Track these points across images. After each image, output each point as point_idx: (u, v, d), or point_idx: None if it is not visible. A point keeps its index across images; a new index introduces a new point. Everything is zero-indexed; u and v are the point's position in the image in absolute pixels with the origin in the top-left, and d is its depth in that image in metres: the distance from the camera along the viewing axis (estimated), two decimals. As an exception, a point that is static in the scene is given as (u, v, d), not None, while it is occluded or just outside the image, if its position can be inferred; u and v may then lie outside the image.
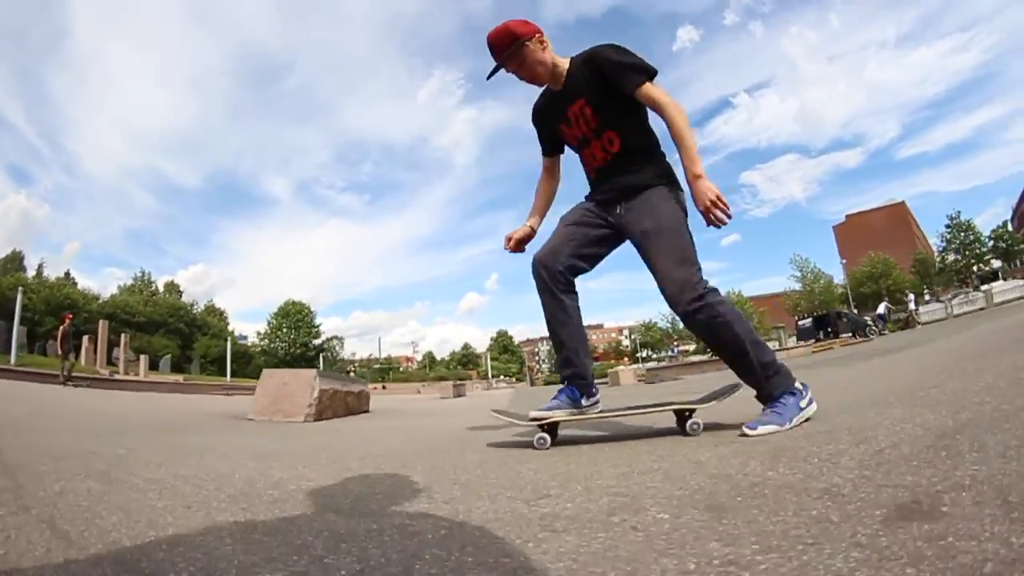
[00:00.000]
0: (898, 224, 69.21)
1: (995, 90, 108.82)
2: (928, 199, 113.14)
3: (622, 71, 2.08)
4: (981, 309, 21.84)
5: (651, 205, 2.11)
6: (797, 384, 2.07)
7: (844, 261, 50.48)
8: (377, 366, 62.75)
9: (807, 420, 2.02)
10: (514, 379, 56.83)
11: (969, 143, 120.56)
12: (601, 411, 2.35)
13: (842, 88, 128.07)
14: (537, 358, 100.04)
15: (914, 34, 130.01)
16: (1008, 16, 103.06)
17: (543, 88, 2.33)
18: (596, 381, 2.39)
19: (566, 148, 2.42)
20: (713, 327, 2.02)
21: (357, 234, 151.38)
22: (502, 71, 2.20)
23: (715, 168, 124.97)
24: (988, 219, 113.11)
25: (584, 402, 2.27)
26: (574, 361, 2.25)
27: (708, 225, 2.00)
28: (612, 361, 67.08)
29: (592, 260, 2.29)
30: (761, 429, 1.91)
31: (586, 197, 2.34)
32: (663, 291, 2.08)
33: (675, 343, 64.37)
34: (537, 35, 2.17)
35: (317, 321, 57.95)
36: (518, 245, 2.39)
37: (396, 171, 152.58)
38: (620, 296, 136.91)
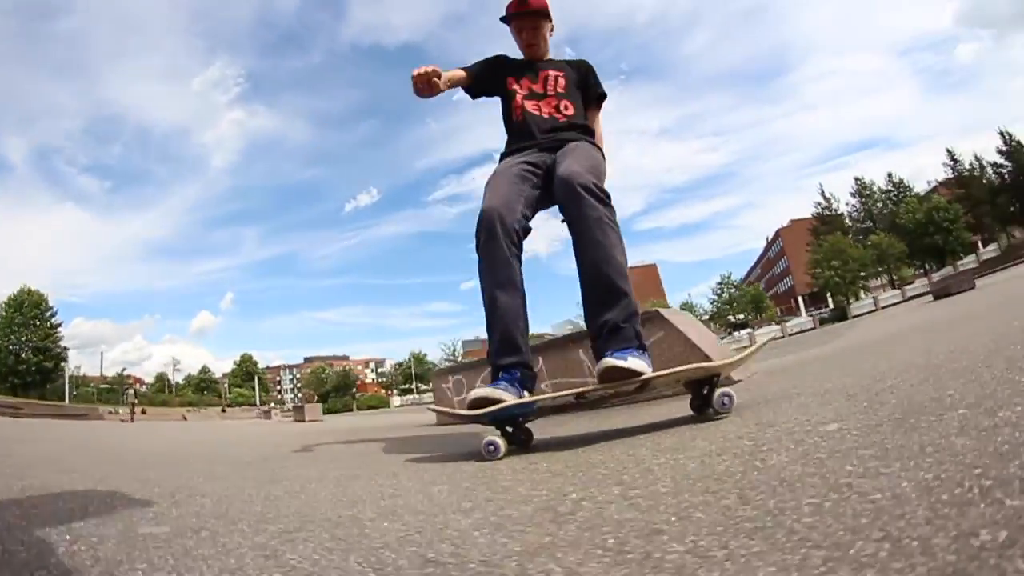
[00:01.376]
0: (649, 281, 80.00)
1: (732, 186, 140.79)
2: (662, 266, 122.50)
3: (599, 82, 2.43)
4: (745, 346, 26.34)
5: (585, 145, 2.15)
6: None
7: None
8: (104, 385, 52.84)
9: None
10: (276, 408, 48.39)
11: (702, 224, 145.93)
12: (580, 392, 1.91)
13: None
14: (279, 388, 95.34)
15: (674, 130, 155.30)
16: (755, 131, 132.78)
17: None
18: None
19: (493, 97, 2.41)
20: (607, 224, 1.83)
21: (90, 226, 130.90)
22: (508, 24, 2.38)
23: (466, 214, 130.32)
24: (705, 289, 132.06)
25: (528, 398, 1.84)
26: (519, 344, 1.86)
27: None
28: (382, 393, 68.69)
29: (531, 215, 2.09)
30: (632, 361, 1.66)
31: (510, 148, 2.25)
32: (568, 172, 1.90)
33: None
34: (553, 22, 2.43)
35: (57, 319, 44.70)
36: (430, 83, 2.06)
37: (147, 160, 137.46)
38: (361, 330, 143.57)
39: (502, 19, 2.36)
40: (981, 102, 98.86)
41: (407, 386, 70.20)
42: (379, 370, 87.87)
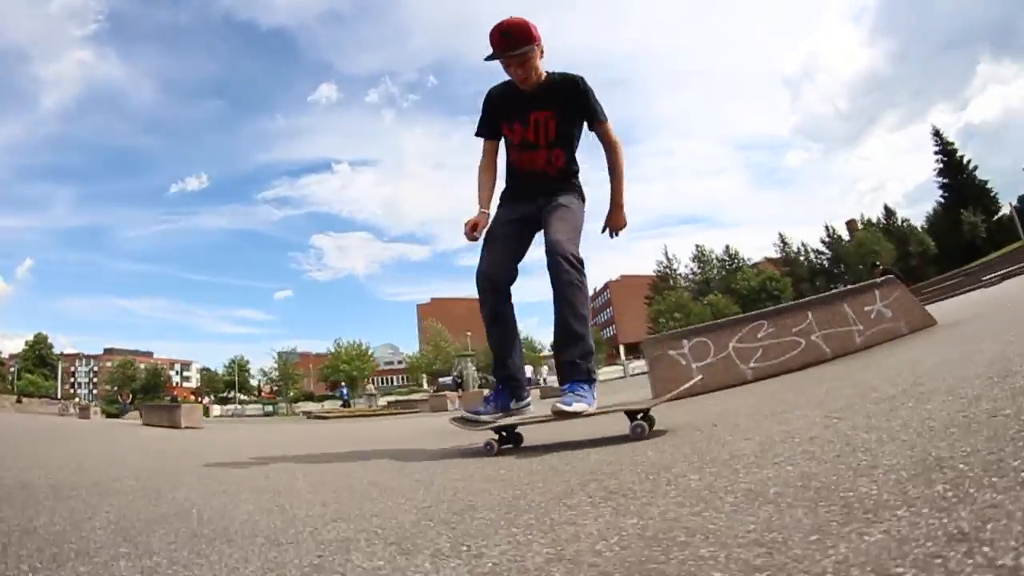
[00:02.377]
0: (475, 315, 67.16)
1: None
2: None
3: (596, 105, 2.44)
4: (620, 377, 30.12)
5: (568, 199, 2.49)
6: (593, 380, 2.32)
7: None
8: None
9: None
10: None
11: (524, 267, 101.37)
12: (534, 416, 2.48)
13: (433, 194, 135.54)
14: (73, 379, 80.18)
15: None
16: (593, 190, 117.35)
17: (506, 81, 2.45)
18: None
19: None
20: (577, 287, 2.28)
21: None
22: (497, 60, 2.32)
23: (291, 220, 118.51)
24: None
25: (513, 404, 2.45)
26: (508, 364, 2.47)
27: (606, 232, 2.62)
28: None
29: (517, 265, 2.59)
30: (576, 406, 2.16)
31: (507, 194, 2.64)
32: (554, 241, 2.32)
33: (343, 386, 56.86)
34: (541, 47, 2.32)
35: None
36: (476, 231, 2.52)
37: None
38: (165, 325, 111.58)
39: (488, 58, 2.32)
40: (797, 200, 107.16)
41: (227, 394, 60.92)
42: (184, 373, 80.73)
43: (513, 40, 2.27)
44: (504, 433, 2.39)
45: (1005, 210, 49.75)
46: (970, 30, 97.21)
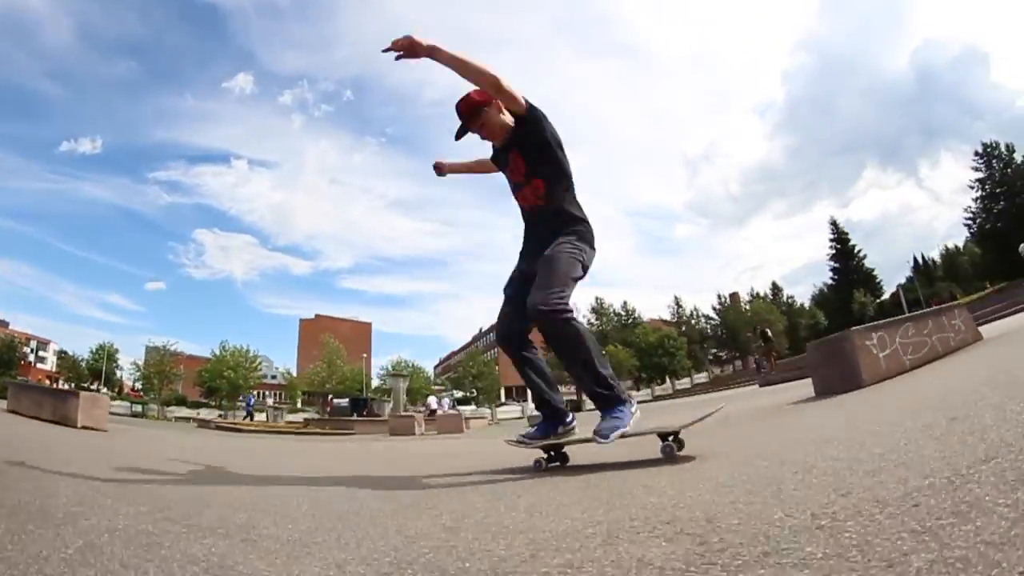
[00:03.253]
0: (361, 337, 75.99)
1: (442, 274, 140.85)
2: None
3: (543, 132, 2.51)
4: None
5: (556, 244, 2.46)
6: (626, 404, 2.35)
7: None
8: None
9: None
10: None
11: (403, 300, 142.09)
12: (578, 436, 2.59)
13: (326, 208, 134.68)
14: None
15: (409, 205, 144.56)
16: (481, 233, 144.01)
17: None
18: None
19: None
20: (557, 337, 2.33)
21: None
22: (469, 134, 2.55)
23: (177, 208, 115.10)
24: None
25: (560, 429, 2.62)
26: (546, 399, 2.63)
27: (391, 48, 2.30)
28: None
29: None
30: (613, 436, 2.24)
31: (523, 245, 2.73)
32: (528, 304, 2.34)
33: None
34: (495, 103, 2.49)
35: None
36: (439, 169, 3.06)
37: None
38: (24, 295, 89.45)
39: (458, 136, 2.54)
40: (679, 270, 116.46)
41: (89, 385, 51.95)
42: (40, 353, 68.66)
43: (465, 115, 2.51)
44: (552, 452, 2.67)
45: (888, 293, 57.23)
46: (863, 140, 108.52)
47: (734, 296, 68.32)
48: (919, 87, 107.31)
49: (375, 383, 57.63)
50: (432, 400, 29.34)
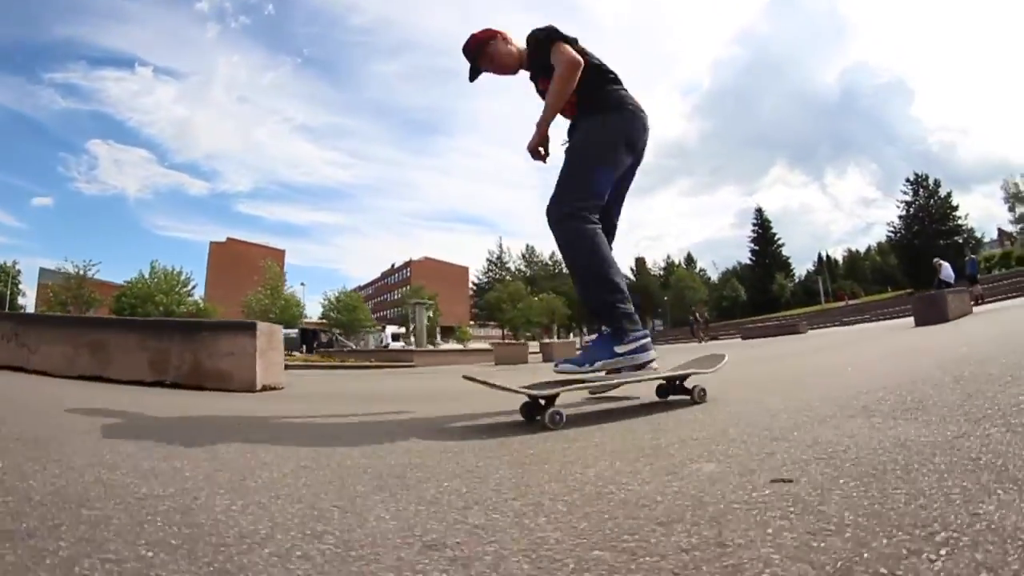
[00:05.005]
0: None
1: (345, 206, 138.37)
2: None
3: (539, 47, 2.31)
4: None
5: (582, 130, 2.34)
6: (631, 330, 2.10)
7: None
8: None
9: (625, 368, 2.07)
10: None
11: (302, 230, 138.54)
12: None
13: (229, 127, 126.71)
14: None
15: (317, 132, 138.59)
16: (389, 169, 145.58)
17: None
18: None
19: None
20: (566, 244, 2.16)
21: None
22: (483, 73, 2.46)
23: (73, 115, 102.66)
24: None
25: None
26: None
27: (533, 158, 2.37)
28: None
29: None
30: (562, 367, 2.08)
31: None
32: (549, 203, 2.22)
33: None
34: (499, 35, 2.43)
35: None
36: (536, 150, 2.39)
37: None
38: None
39: (471, 79, 2.50)
40: None
41: None
42: None
43: (473, 54, 2.45)
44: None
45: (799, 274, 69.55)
46: (777, 138, 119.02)
47: (640, 261, 75.71)
48: (842, 102, 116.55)
49: (314, 315, 54.36)
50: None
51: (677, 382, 2.20)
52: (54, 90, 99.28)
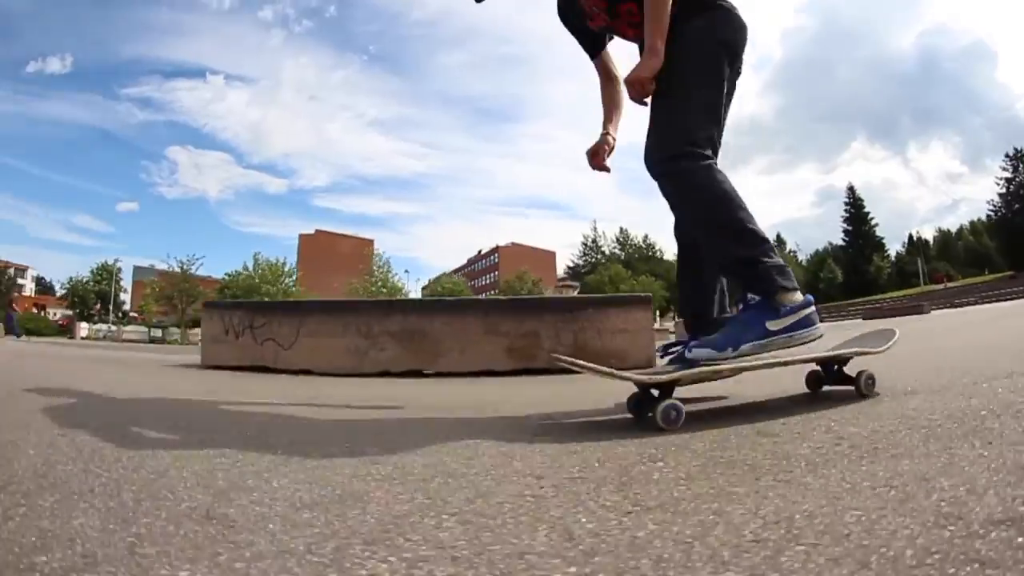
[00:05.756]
0: (362, 256, 67.83)
1: (419, 196, 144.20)
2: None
3: None
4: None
5: (673, 56, 1.69)
6: (787, 295, 1.55)
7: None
8: None
9: (781, 349, 1.52)
10: None
11: (378, 220, 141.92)
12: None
13: (303, 126, 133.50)
14: None
15: (389, 125, 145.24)
16: (461, 157, 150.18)
17: None
18: None
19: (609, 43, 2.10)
20: (678, 193, 1.71)
21: None
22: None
23: (150, 126, 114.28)
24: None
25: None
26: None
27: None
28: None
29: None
30: (695, 352, 1.56)
31: None
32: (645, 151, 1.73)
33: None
34: None
35: None
36: (602, 161, 2.07)
37: None
38: None
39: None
40: (653, 210, 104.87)
41: (84, 312, 47.32)
42: (19, 280, 66.59)
43: None
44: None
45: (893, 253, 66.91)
46: (855, 111, 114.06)
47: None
48: (920, 69, 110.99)
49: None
50: None
51: (835, 366, 1.70)
52: (132, 104, 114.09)
